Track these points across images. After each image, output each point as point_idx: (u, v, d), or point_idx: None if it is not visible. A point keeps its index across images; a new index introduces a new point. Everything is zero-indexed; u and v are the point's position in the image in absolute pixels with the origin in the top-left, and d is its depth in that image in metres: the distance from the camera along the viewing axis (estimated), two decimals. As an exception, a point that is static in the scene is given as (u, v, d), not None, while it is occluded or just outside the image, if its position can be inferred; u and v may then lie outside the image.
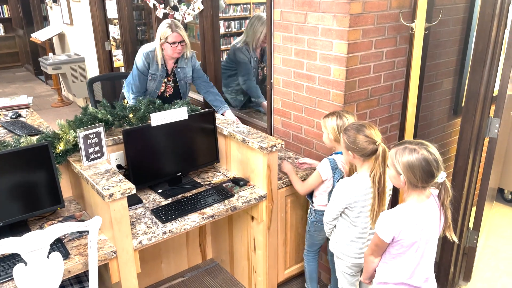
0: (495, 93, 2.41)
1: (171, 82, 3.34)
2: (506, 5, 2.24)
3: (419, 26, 2.48)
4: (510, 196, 3.81)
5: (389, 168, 1.83)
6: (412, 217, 1.77)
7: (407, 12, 2.52)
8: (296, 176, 2.50)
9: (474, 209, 2.72)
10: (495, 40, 2.29)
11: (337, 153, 2.32)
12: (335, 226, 2.23)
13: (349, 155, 2.08)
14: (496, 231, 3.41)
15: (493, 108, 2.46)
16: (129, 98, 3.33)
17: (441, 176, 1.73)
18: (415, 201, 1.78)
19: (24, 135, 2.64)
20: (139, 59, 3.24)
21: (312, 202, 2.45)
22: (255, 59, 3.74)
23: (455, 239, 1.87)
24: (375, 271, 1.96)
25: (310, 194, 2.45)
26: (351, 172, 2.25)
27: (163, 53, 3.19)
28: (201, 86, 3.42)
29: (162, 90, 3.34)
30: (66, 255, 1.93)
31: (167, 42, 3.12)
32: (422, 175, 1.71)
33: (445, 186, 1.77)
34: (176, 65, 3.30)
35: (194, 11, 3.65)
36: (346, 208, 2.11)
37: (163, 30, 3.12)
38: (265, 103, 3.60)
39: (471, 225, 2.75)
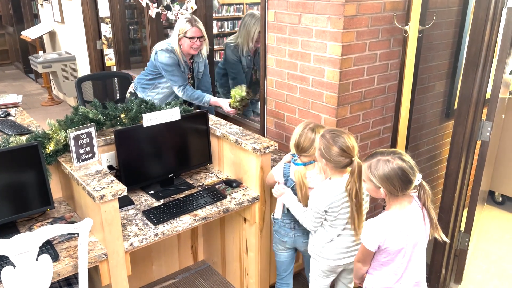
0: (487, 96, 2.43)
1: (190, 78, 3.29)
2: (499, 10, 2.25)
3: (413, 28, 2.48)
4: (500, 199, 3.84)
5: (365, 182, 1.81)
6: (396, 224, 1.77)
7: (401, 15, 2.52)
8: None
9: (465, 212, 2.73)
10: (487, 44, 2.31)
11: (298, 164, 2.16)
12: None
13: (322, 161, 2.02)
14: (487, 234, 3.44)
15: (485, 111, 2.47)
16: (178, 92, 3.16)
17: (417, 179, 1.74)
18: (397, 209, 1.78)
19: (13, 134, 2.60)
20: (164, 57, 3.07)
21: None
22: (249, 58, 3.70)
23: (445, 239, 1.86)
24: (365, 274, 1.96)
25: None
26: (301, 186, 2.15)
27: (181, 49, 3.12)
28: (200, 88, 3.36)
29: None
30: (55, 258, 1.90)
31: (186, 37, 3.05)
32: (401, 184, 1.72)
33: (423, 187, 1.78)
34: (191, 60, 3.25)
35: (187, 10, 3.63)
36: (326, 212, 2.03)
37: (182, 25, 3.06)
38: (252, 117, 3.60)
39: (462, 228, 2.77)
